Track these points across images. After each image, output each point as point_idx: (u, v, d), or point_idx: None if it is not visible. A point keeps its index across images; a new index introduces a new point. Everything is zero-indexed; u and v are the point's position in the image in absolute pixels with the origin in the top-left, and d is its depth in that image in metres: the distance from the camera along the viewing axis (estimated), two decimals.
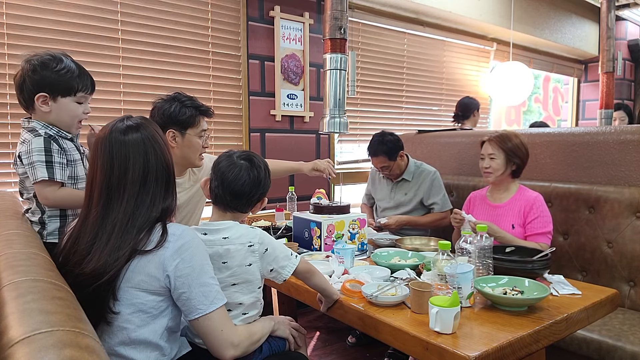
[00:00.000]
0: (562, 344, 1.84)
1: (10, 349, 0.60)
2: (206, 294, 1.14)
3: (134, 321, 1.12)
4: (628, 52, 5.61)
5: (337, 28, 2.37)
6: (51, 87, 1.41)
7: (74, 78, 1.43)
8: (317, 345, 2.73)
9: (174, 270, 1.11)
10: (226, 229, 1.33)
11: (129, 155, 1.14)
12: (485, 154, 2.14)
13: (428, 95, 4.16)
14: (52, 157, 1.39)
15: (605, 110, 4.22)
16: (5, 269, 0.90)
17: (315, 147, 3.37)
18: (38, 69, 1.39)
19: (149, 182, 1.15)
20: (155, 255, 1.10)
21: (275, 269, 1.36)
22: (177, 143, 1.79)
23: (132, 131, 1.16)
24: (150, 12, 2.61)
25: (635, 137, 2.16)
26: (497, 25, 4.18)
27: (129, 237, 1.10)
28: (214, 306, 1.15)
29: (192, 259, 1.13)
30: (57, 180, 1.39)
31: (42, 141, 1.39)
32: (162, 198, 1.17)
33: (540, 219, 2.03)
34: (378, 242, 2.26)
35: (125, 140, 1.15)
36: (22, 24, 2.24)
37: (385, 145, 2.51)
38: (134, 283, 1.10)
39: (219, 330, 1.16)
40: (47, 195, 1.40)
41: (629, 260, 2.07)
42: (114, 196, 1.13)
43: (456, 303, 1.22)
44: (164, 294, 1.14)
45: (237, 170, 1.34)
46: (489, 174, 2.14)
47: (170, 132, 1.77)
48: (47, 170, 1.37)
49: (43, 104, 1.41)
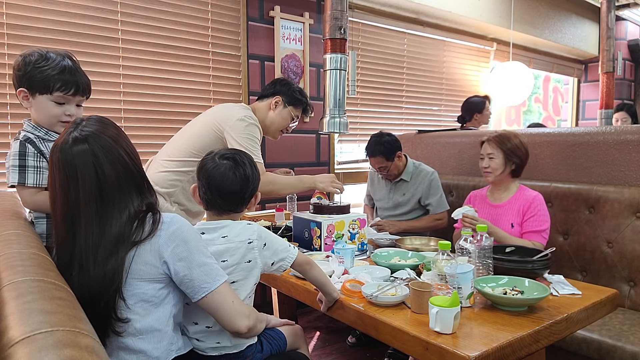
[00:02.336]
0: (562, 344, 1.84)
1: (10, 349, 0.60)
2: (207, 272, 1.15)
3: (138, 311, 1.12)
4: (628, 52, 5.61)
5: (337, 28, 2.37)
6: (29, 83, 1.35)
7: (52, 76, 1.34)
8: (317, 345, 2.73)
9: (170, 255, 1.11)
10: (224, 228, 1.33)
11: (77, 172, 1.06)
12: (484, 154, 2.15)
13: (428, 95, 4.15)
14: (25, 162, 1.33)
15: (605, 110, 4.22)
16: (5, 269, 0.90)
17: (315, 147, 3.37)
18: (21, 64, 1.35)
19: (106, 195, 1.08)
20: (149, 244, 1.10)
21: (275, 262, 1.37)
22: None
23: (79, 143, 1.07)
24: (150, 12, 2.61)
25: (635, 137, 2.16)
26: (497, 25, 4.18)
27: (110, 251, 1.07)
28: (218, 282, 1.16)
29: (187, 242, 1.14)
30: (28, 186, 1.34)
31: (17, 145, 1.34)
32: (139, 201, 1.13)
33: (537, 218, 2.03)
34: (378, 242, 2.26)
35: (72, 156, 1.06)
36: (22, 24, 2.24)
37: (383, 146, 2.52)
38: (133, 274, 1.10)
39: (230, 302, 1.18)
40: (25, 199, 1.37)
41: (629, 260, 2.07)
42: (76, 221, 1.08)
43: (456, 303, 1.22)
44: (163, 280, 1.14)
45: (222, 170, 1.30)
46: (488, 173, 2.15)
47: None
48: (19, 175, 1.33)
49: (24, 100, 1.37)
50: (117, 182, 1.10)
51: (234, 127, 1.99)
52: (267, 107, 2.19)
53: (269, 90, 2.22)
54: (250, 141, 1.99)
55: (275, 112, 2.18)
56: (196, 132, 2.09)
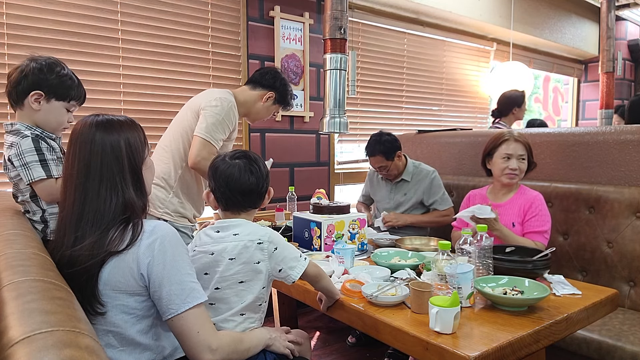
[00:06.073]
0: (562, 344, 1.83)
1: (10, 349, 0.60)
2: (177, 292, 1.07)
3: (119, 324, 1.09)
4: (628, 52, 5.61)
5: (337, 28, 2.37)
6: (50, 88, 1.44)
7: (73, 86, 1.49)
8: (317, 345, 2.73)
9: (147, 268, 1.06)
10: (237, 226, 1.34)
11: (82, 147, 1.12)
12: (513, 155, 2.05)
13: (428, 95, 4.15)
14: (44, 155, 1.41)
15: (605, 110, 4.21)
16: (5, 269, 0.90)
17: (315, 147, 3.37)
18: (45, 69, 1.43)
19: (92, 170, 1.10)
20: (128, 254, 1.06)
21: (283, 269, 1.33)
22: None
23: (99, 128, 1.14)
24: (150, 12, 2.61)
25: (635, 137, 2.16)
26: (497, 25, 4.18)
27: (88, 229, 1.08)
28: (187, 305, 1.07)
29: (164, 255, 1.07)
30: (55, 177, 1.41)
31: (30, 141, 1.40)
32: (120, 192, 1.11)
33: (538, 218, 2.02)
34: (378, 242, 2.26)
35: (90, 135, 1.13)
36: (22, 24, 2.24)
37: (383, 145, 2.52)
38: (112, 285, 1.07)
39: (195, 331, 1.08)
40: (49, 191, 1.41)
41: (629, 260, 2.07)
42: (67, 190, 1.12)
43: (456, 303, 1.22)
44: (144, 293, 1.09)
45: (238, 169, 1.33)
46: (514, 176, 2.06)
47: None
48: (43, 168, 1.39)
49: (35, 102, 1.43)
50: (106, 161, 1.12)
51: (209, 106, 2.03)
52: (258, 97, 2.20)
53: (267, 81, 2.20)
54: (217, 123, 2.00)
55: (265, 105, 2.21)
56: (183, 116, 2.14)
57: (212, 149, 1.99)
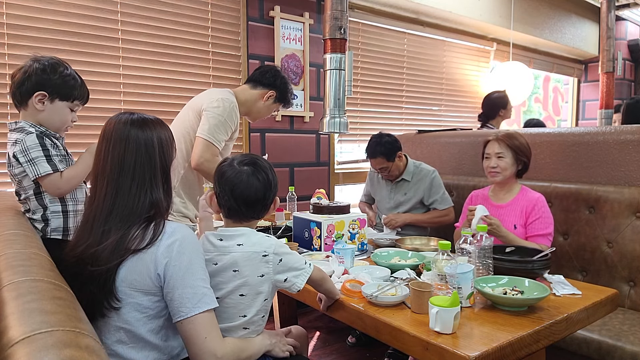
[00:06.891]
0: (562, 344, 1.84)
1: (10, 349, 0.60)
2: (189, 296, 1.08)
3: (131, 321, 1.11)
4: (628, 52, 5.61)
5: (337, 28, 2.37)
6: (53, 89, 1.45)
7: (76, 86, 1.50)
8: (317, 345, 2.73)
9: (163, 269, 1.08)
10: (241, 236, 1.29)
11: (116, 144, 1.15)
12: (491, 153, 2.10)
13: (428, 95, 4.16)
14: (49, 151, 1.43)
15: (605, 110, 4.21)
16: (5, 269, 0.90)
17: (315, 147, 3.37)
18: (48, 70, 1.44)
19: (126, 167, 1.14)
20: (147, 254, 1.09)
21: (289, 279, 1.30)
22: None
23: (134, 126, 1.17)
24: (150, 12, 2.61)
25: (635, 137, 2.16)
26: (497, 25, 4.18)
27: (115, 224, 1.10)
28: (198, 309, 1.08)
29: (181, 258, 1.09)
30: (60, 170, 1.43)
31: (35, 137, 1.42)
32: (149, 190, 1.15)
33: (542, 220, 2.02)
34: (378, 242, 2.26)
35: (125, 132, 1.16)
36: (22, 24, 2.24)
37: (383, 147, 2.51)
38: (128, 282, 1.09)
39: (202, 337, 1.09)
40: (57, 185, 1.43)
41: (629, 260, 2.07)
42: (98, 184, 1.14)
43: (456, 303, 1.22)
44: (159, 293, 1.11)
45: (245, 177, 1.27)
46: (496, 173, 2.09)
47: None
48: (49, 163, 1.41)
49: (39, 102, 1.44)
50: (140, 163, 1.15)
51: (211, 107, 2.03)
52: (259, 96, 2.20)
53: (267, 80, 2.20)
54: (219, 124, 2.00)
55: (266, 104, 2.22)
56: (184, 117, 2.14)
57: (215, 150, 1.99)
